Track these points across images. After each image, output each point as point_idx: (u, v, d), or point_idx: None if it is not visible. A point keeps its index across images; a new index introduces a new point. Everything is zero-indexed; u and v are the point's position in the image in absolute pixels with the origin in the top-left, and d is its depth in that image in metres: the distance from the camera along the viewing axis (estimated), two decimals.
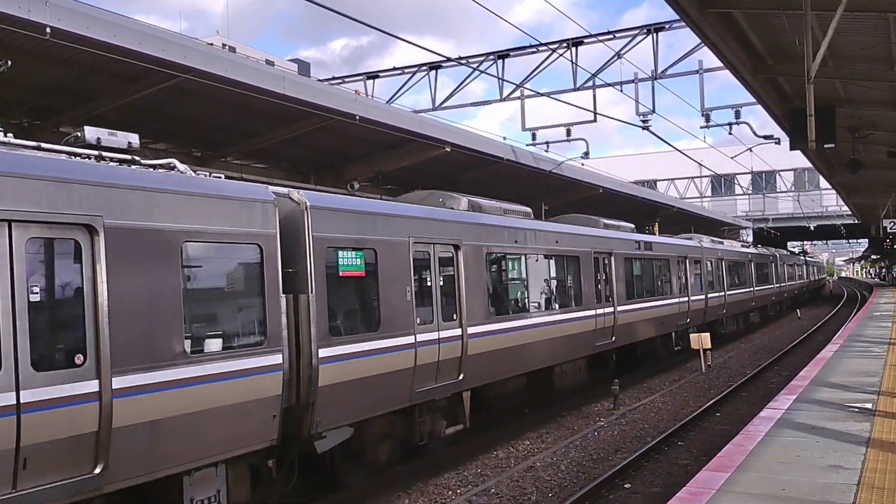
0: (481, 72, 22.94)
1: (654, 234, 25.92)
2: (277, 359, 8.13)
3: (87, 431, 6.33)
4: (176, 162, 8.01)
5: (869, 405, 10.38)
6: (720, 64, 15.57)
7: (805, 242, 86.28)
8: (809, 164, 33.75)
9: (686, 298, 23.16)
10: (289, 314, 8.43)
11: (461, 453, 12.39)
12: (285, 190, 9.06)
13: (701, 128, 25.28)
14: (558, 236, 15.56)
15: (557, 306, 15.30)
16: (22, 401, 5.93)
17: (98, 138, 7.50)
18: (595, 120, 23.59)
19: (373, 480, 10.64)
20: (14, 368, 5.94)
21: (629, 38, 21.92)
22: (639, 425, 14.50)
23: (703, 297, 24.92)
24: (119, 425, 6.52)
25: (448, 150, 18.45)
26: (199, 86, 12.64)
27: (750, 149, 30.07)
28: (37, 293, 6.20)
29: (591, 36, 22.01)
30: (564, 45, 22.40)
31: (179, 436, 7.08)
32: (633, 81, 22.72)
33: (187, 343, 7.24)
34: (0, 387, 5.83)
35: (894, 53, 13.17)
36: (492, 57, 23.59)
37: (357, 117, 15.35)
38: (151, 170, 7.63)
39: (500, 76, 22.93)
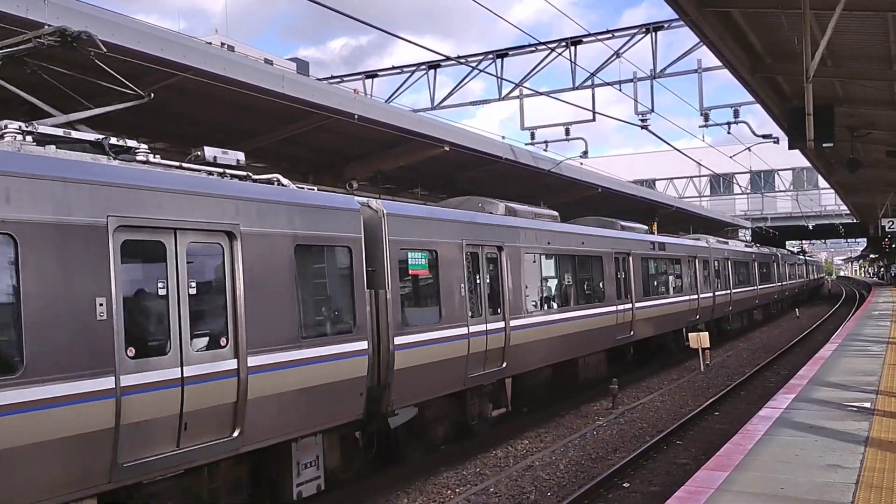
0: (480, 71, 22.95)
1: (653, 233, 26.35)
2: (364, 345, 9.51)
3: (228, 402, 7.62)
4: (279, 177, 9.42)
5: (867, 404, 10.40)
6: (719, 63, 15.58)
7: (803, 242, 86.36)
8: (808, 164, 33.81)
9: (696, 296, 24.24)
10: (371, 307, 9.81)
11: (460, 452, 12.40)
12: (365, 200, 10.45)
13: (700, 127, 25.34)
14: (584, 238, 16.86)
15: (584, 302, 16.42)
16: (185, 375, 7.18)
17: (214, 157, 8.76)
18: (594, 119, 23.62)
19: (371, 479, 10.66)
20: (180, 347, 7.17)
21: (628, 38, 21.94)
22: (637, 424, 14.51)
23: (711, 294, 26.02)
24: (252, 397, 7.77)
25: (447, 149, 18.46)
26: (197, 85, 12.64)
27: (748, 148, 30.08)
28: (193, 287, 7.45)
29: (589, 35, 22.02)
30: (563, 44, 22.40)
31: (293, 408, 8.39)
32: (631, 81, 22.72)
33: (301, 330, 8.55)
34: (169, 363, 7.10)
35: (893, 52, 13.18)
36: (490, 56, 23.60)
37: (356, 116, 15.35)
38: (270, 185, 9.07)
39: (499, 75, 22.95)
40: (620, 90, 22.32)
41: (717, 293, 26.74)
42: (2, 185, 5.99)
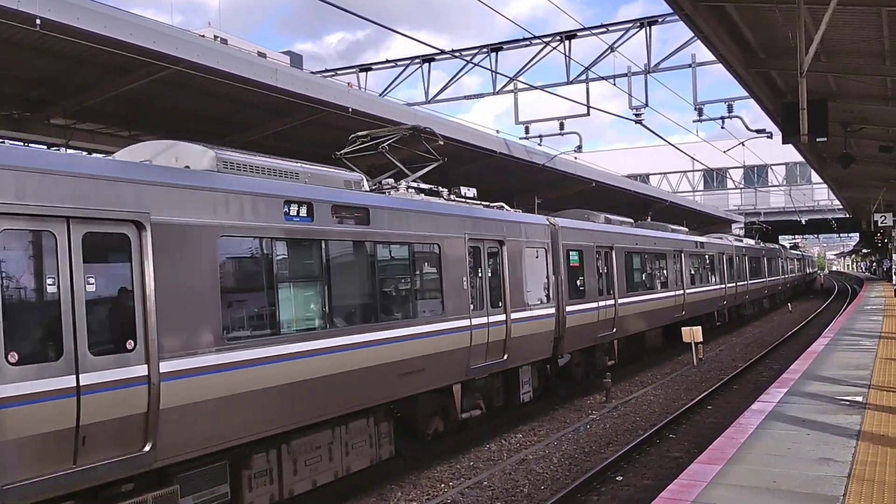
0: (475, 64, 22.89)
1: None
2: (553, 310, 14.99)
3: (476, 344, 12.20)
4: (503, 204, 14.79)
5: (859, 398, 10.44)
6: (713, 58, 15.57)
7: (796, 236, 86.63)
8: (801, 159, 33.87)
9: (723, 285, 29.84)
10: (554, 286, 15.12)
11: (454, 446, 12.41)
12: (546, 218, 16.00)
13: (693, 122, 25.45)
14: (656, 239, 22.49)
15: (660, 288, 22.22)
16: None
17: (468, 195, 13.84)
18: (588, 114, 23.59)
19: (366, 476, 10.65)
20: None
21: (622, 32, 21.90)
22: (631, 418, 14.55)
23: (734, 285, 31.65)
24: (514, 335, 13.21)
25: (441, 143, 18.41)
26: (190, 78, 12.58)
27: (742, 143, 30.14)
28: (480, 271, 12.68)
29: (584, 29, 21.98)
30: (558, 38, 22.36)
31: (524, 346, 13.65)
32: (626, 75, 22.71)
33: (528, 299, 13.95)
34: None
35: (887, 47, 13.18)
36: (485, 50, 23.54)
37: (350, 110, 15.30)
38: (505, 210, 14.52)
39: (494, 69, 22.90)
40: (615, 85, 22.31)
41: (738, 283, 32.33)
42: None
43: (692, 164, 51.43)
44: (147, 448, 6.85)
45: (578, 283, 16.39)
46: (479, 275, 12.43)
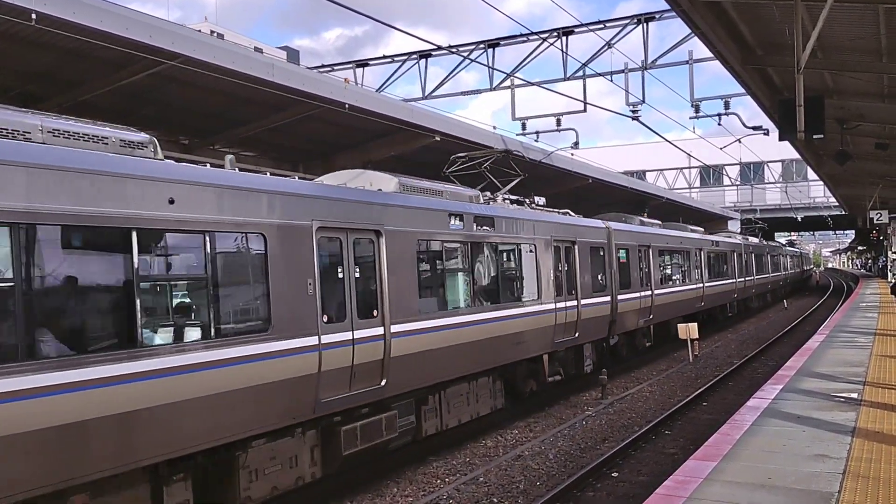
0: (472, 60, 22.86)
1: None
2: (609, 298, 17.81)
3: (558, 323, 15.09)
4: (569, 211, 17.48)
5: (854, 395, 10.47)
6: (710, 55, 15.57)
7: (793, 233, 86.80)
8: (797, 156, 33.93)
9: (734, 280, 33.29)
10: (610, 277, 17.97)
11: (449, 442, 12.42)
12: (602, 221, 18.93)
13: (690, 118, 25.43)
14: (681, 239, 25.37)
15: (684, 280, 25.19)
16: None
17: (539, 202, 16.58)
18: (585, 110, 23.61)
19: (363, 472, 10.67)
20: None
21: (620, 28, 21.92)
22: (626, 415, 14.57)
23: (743, 279, 34.98)
24: (583, 318, 16.06)
25: (437, 139, 18.41)
26: (186, 72, 12.54)
27: (739, 140, 30.14)
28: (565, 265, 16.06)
29: (581, 25, 21.97)
30: (555, 34, 22.34)
31: (591, 327, 16.60)
32: (623, 72, 22.71)
33: (593, 289, 16.88)
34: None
35: (883, 45, 13.19)
36: (482, 46, 23.51)
37: (346, 106, 15.27)
38: (570, 214, 17.35)
39: (491, 65, 22.87)
40: (612, 81, 22.30)
41: (746, 279, 35.60)
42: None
43: (689, 161, 51.46)
44: (383, 383, 9.95)
45: (625, 276, 19.33)
46: (560, 268, 15.43)
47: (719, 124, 24.51)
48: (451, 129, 18.96)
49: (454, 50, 22.58)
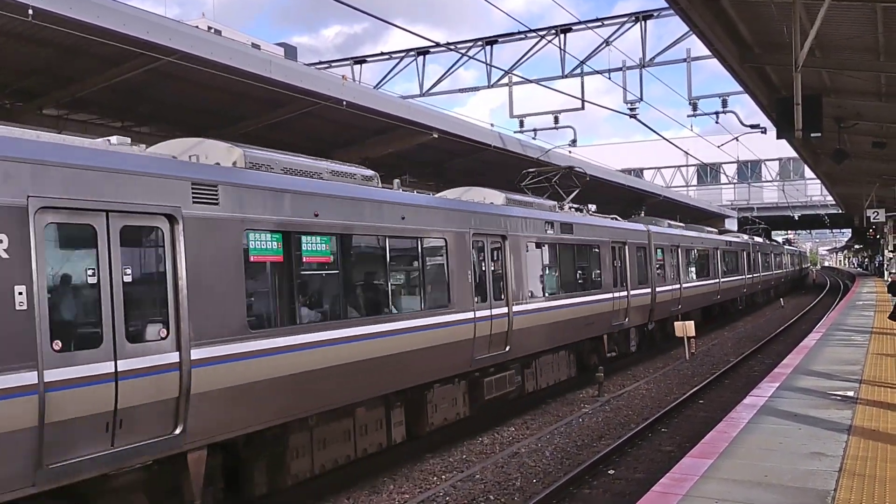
0: (469, 57, 22.84)
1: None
2: (648, 290, 20.84)
3: (615, 310, 18.68)
4: (617, 217, 20.91)
5: (851, 393, 10.48)
6: (708, 53, 15.57)
7: (790, 232, 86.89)
8: (795, 154, 33.91)
9: (744, 276, 36.97)
10: (649, 273, 21.11)
11: (446, 440, 12.42)
12: (643, 224, 22.35)
13: (688, 116, 25.49)
14: (703, 239, 28.82)
15: (705, 276, 28.57)
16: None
17: (591, 209, 19.70)
18: (583, 108, 23.57)
19: (358, 468, 10.67)
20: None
21: (617, 26, 21.89)
22: (623, 412, 14.58)
23: (751, 276, 38.69)
24: (631, 306, 19.53)
25: (435, 136, 18.39)
26: (183, 69, 12.51)
27: (736, 138, 30.14)
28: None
29: (580, 23, 21.95)
30: (553, 31, 22.32)
31: (636, 314, 19.81)
32: (621, 69, 22.69)
33: (638, 282, 19.92)
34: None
35: (881, 43, 13.20)
36: (480, 43, 23.48)
37: (344, 103, 15.24)
38: (618, 219, 21.19)
39: (489, 62, 22.85)
40: (609, 78, 22.29)
41: (753, 275, 39.08)
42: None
43: (686, 159, 51.50)
44: (507, 349, 13.23)
45: (661, 271, 22.65)
46: (616, 264, 18.84)
47: (717, 122, 24.60)
48: (448, 126, 18.94)
49: (452, 47, 22.56)
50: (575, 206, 18.90)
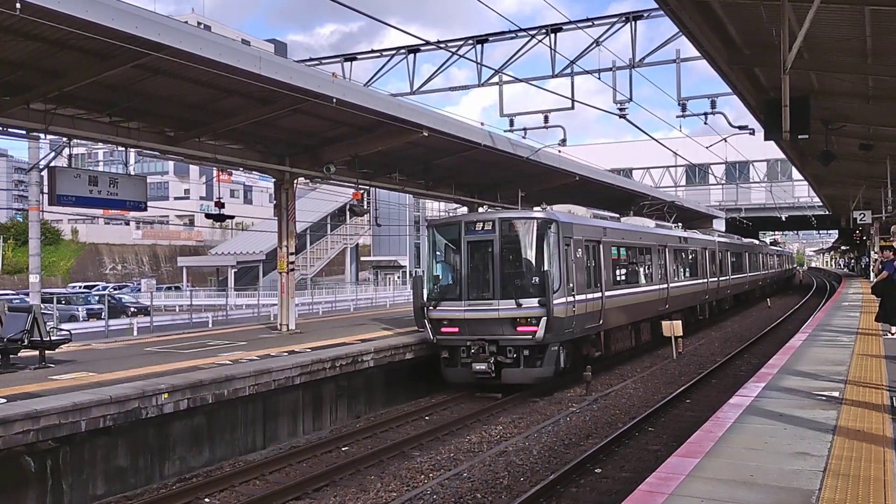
0: (460, 56, 22.81)
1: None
2: (704, 280, 31.19)
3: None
4: (680, 225, 32.84)
5: (836, 393, 10.54)
6: (697, 54, 15.61)
7: (777, 232, 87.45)
8: (782, 155, 34.13)
9: (744, 274, 41.88)
10: (704, 268, 31.53)
11: (435, 438, 12.42)
12: (709, 233, 36.27)
13: (677, 117, 25.65)
14: (717, 242, 34.94)
15: (720, 273, 34.65)
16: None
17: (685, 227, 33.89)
18: (573, 107, 23.59)
19: (353, 466, 10.66)
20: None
21: (608, 26, 21.92)
22: (610, 411, 14.63)
23: (752, 273, 44.60)
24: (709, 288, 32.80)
25: (425, 134, 18.35)
26: (172, 64, 12.43)
27: (724, 139, 30.28)
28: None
29: (570, 22, 21.96)
30: (543, 31, 22.33)
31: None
32: (611, 69, 22.72)
33: (710, 273, 32.80)
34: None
35: (869, 46, 13.28)
36: (471, 42, 23.46)
37: (334, 99, 15.18)
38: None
39: (479, 61, 22.84)
40: (599, 78, 22.29)
41: (748, 274, 43.28)
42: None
43: (675, 160, 51.70)
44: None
45: (714, 267, 31.38)
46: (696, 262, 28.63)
47: (706, 123, 24.57)
48: (438, 124, 18.90)
49: (442, 45, 22.54)
50: (662, 223, 29.04)
